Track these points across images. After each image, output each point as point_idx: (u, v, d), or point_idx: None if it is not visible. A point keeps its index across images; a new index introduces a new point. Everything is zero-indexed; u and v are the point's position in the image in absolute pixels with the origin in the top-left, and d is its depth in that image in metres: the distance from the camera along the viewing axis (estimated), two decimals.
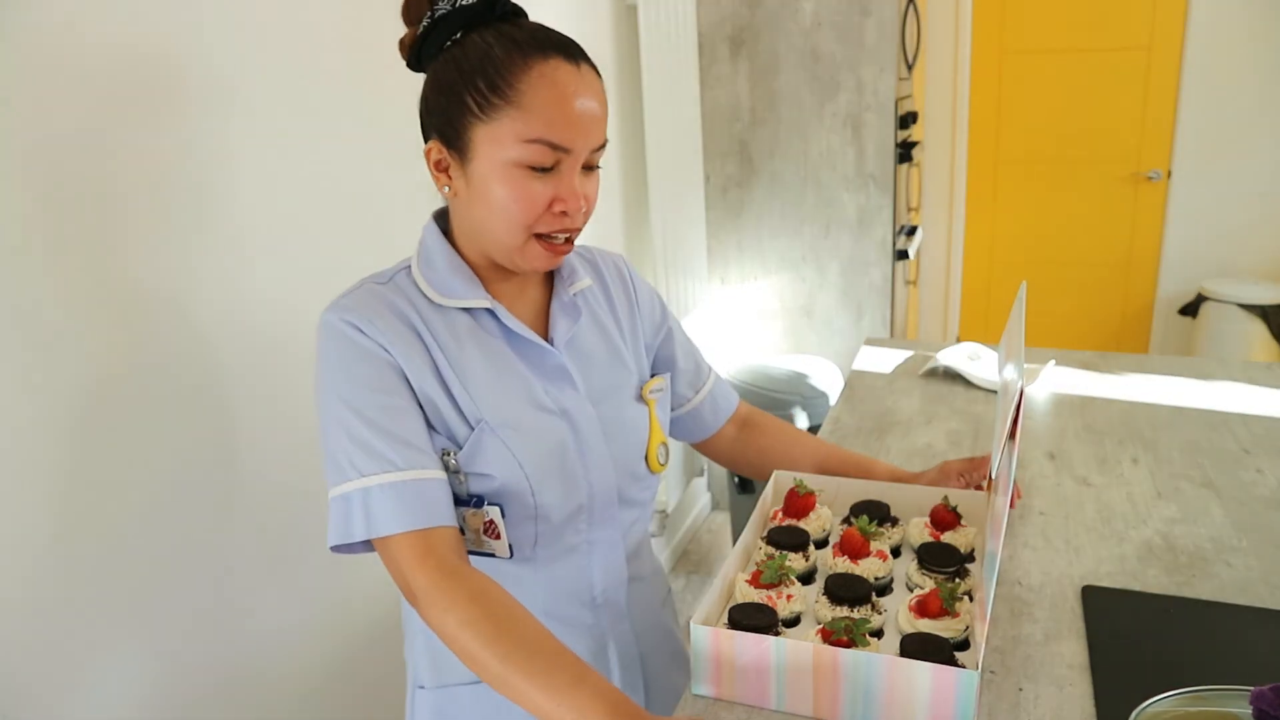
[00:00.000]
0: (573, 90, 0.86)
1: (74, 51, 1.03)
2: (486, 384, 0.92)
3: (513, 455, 0.90)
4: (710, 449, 1.23)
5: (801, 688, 0.85)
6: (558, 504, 0.93)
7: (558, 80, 0.85)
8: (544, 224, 0.88)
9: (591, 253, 1.11)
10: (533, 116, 0.85)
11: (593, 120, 0.87)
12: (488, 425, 0.90)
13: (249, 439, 1.30)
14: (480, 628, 0.78)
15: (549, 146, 0.85)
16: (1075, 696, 0.88)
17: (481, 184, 0.88)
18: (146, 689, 1.17)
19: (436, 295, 0.93)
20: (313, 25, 1.38)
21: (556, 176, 0.87)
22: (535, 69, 0.85)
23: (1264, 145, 3.52)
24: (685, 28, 2.66)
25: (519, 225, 0.88)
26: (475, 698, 0.99)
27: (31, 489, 1.02)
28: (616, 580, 1.01)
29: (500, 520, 0.91)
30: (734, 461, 1.25)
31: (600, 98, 0.89)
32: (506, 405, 0.92)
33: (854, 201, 2.81)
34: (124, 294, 1.12)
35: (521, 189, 0.86)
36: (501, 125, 0.85)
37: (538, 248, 0.90)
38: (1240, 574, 1.08)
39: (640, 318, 1.10)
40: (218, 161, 1.23)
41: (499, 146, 0.86)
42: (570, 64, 0.87)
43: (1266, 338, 3.43)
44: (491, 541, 0.92)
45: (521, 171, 0.86)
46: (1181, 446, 1.43)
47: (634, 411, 1.02)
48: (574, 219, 0.89)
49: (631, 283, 1.12)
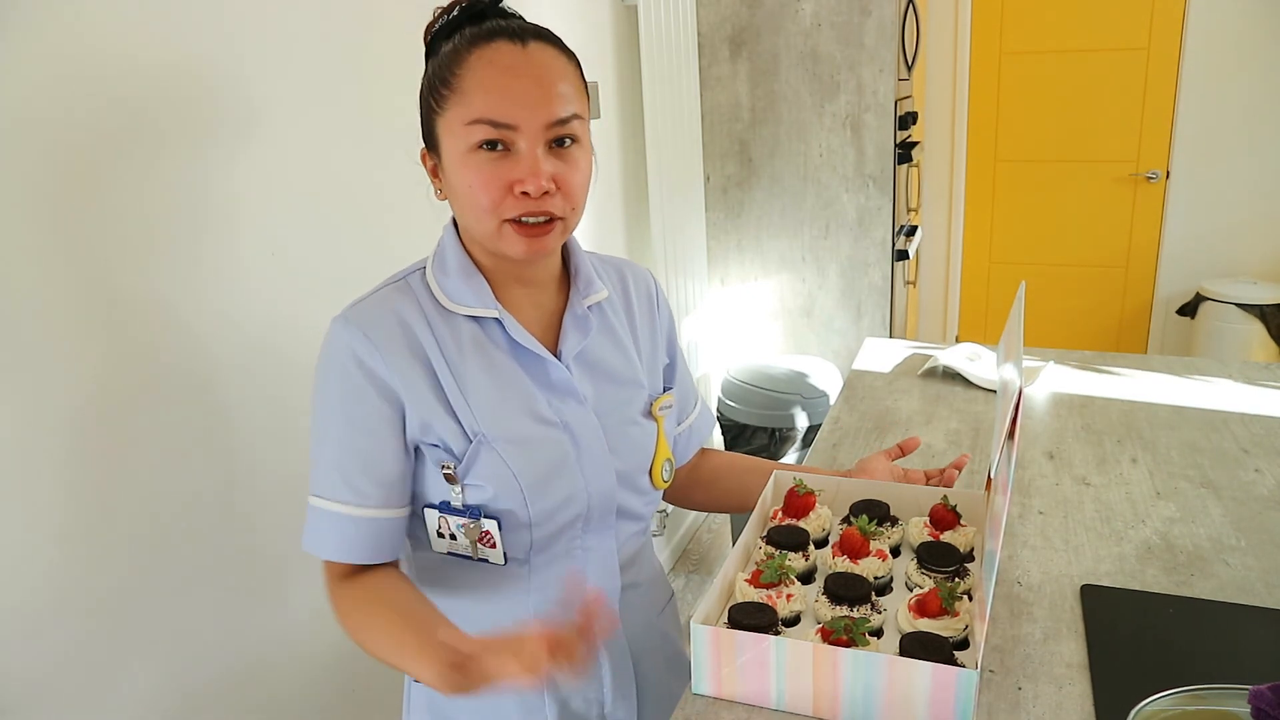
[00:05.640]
0: (510, 66, 0.85)
1: (72, 53, 1.03)
2: (487, 397, 0.91)
3: (509, 469, 0.90)
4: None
5: (801, 687, 0.85)
6: (553, 515, 0.93)
7: (495, 60, 0.85)
8: (509, 207, 0.86)
9: (621, 265, 1.10)
10: (472, 98, 0.85)
11: (540, 94, 0.85)
12: (485, 438, 0.90)
13: (246, 442, 1.30)
14: (354, 617, 0.88)
15: (490, 125, 0.84)
16: (1074, 695, 0.88)
17: (452, 177, 0.89)
18: (150, 688, 1.17)
19: (446, 301, 0.93)
20: (312, 27, 1.38)
21: (514, 157, 0.86)
22: (475, 54, 0.86)
23: (1262, 145, 3.53)
24: (685, 28, 2.67)
25: (485, 211, 0.87)
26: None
27: (32, 489, 1.02)
28: (610, 587, 1.01)
29: (497, 532, 0.92)
30: (684, 494, 1.21)
31: (552, 72, 0.87)
32: (505, 419, 0.91)
33: (854, 202, 2.81)
34: (122, 298, 1.12)
35: (477, 173, 0.86)
36: (451, 114, 0.86)
37: (512, 233, 0.87)
38: (1239, 573, 1.08)
39: (659, 337, 1.09)
40: (216, 166, 1.23)
41: (453, 136, 0.87)
42: (514, 44, 0.86)
43: (1265, 338, 3.44)
44: (487, 550, 0.93)
45: (476, 156, 0.86)
46: (1180, 446, 1.43)
47: (642, 426, 1.01)
48: (543, 201, 0.86)
49: (657, 301, 1.11)
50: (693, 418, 1.17)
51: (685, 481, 1.19)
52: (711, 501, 1.22)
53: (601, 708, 1.02)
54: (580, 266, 1.01)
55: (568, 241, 1.01)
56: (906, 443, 1.20)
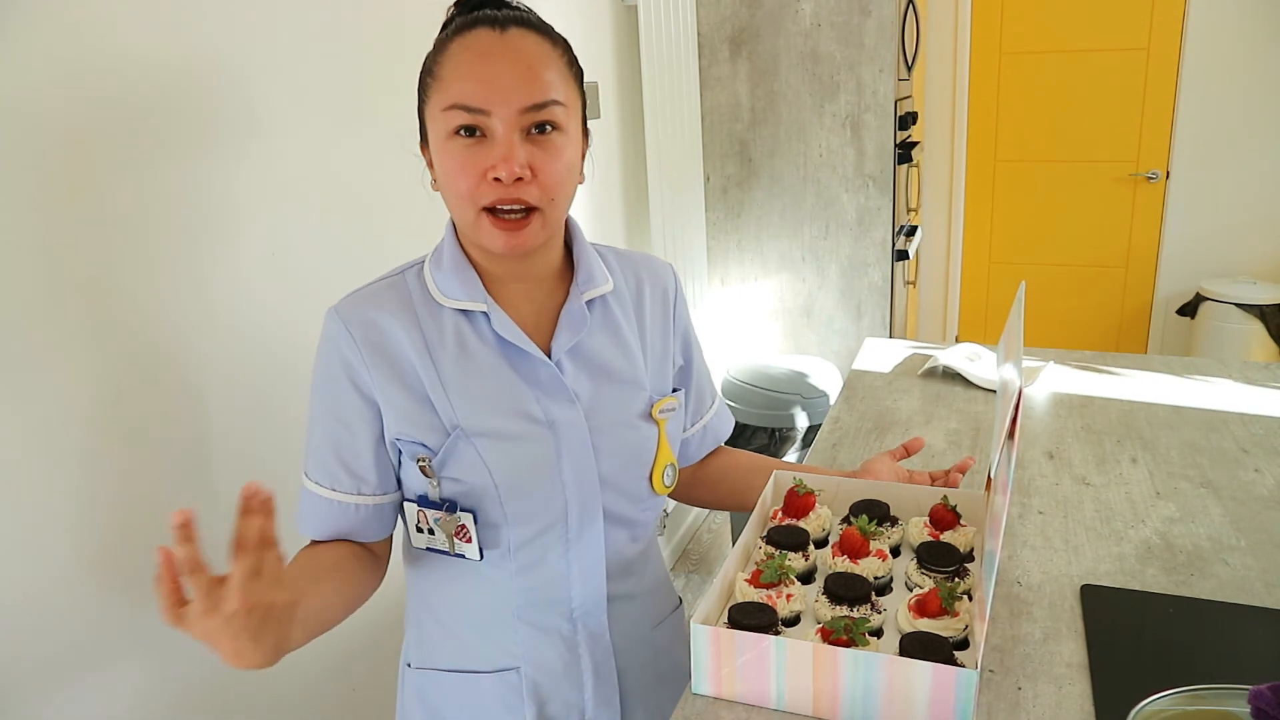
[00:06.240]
0: (485, 51, 0.85)
1: (70, 53, 1.03)
2: (467, 391, 0.91)
3: (484, 463, 0.90)
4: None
5: (801, 687, 0.85)
6: (530, 516, 0.93)
7: (472, 46, 0.85)
8: (484, 194, 0.85)
9: (640, 261, 1.07)
10: (449, 83, 0.85)
11: (515, 78, 0.84)
12: (462, 432, 0.90)
13: (246, 440, 1.31)
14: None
15: (463, 110, 0.84)
16: (1074, 695, 0.88)
17: (436, 166, 0.90)
18: (150, 687, 1.17)
19: (438, 294, 0.93)
20: (313, 27, 1.38)
21: (489, 143, 0.85)
22: (456, 42, 0.86)
23: (1262, 145, 3.53)
24: (685, 28, 2.67)
25: (463, 199, 0.86)
26: (455, 684, 1.01)
27: (36, 489, 1.02)
28: (595, 596, 0.99)
29: (472, 526, 0.92)
30: (688, 492, 1.20)
31: (531, 57, 0.85)
32: (485, 414, 0.91)
33: (854, 202, 2.81)
34: (123, 298, 1.12)
35: (455, 159, 0.85)
36: (432, 101, 0.87)
37: (488, 224, 0.86)
38: (1238, 573, 1.08)
39: (672, 337, 1.07)
40: (216, 167, 1.23)
41: (435, 123, 0.87)
42: (493, 30, 0.86)
43: (1264, 338, 3.44)
44: (463, 545, 0.93)
45: (453, 142, 0.85)
46: (1180, 446, 1.43)
47: (639, 429, 0.99)
48: (516, 189, 0.85)
49: (675, 299, 1.08)
50: (708, 417, 1.16)
51: (691, 480, 1.19)
52: (716, 500, 1.21)
53: (582, 714, 1.01)
54: (581, 259, 0.99)
55: (572, 234, 1.00)
56: (911, 443, 1.18)
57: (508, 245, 0.87)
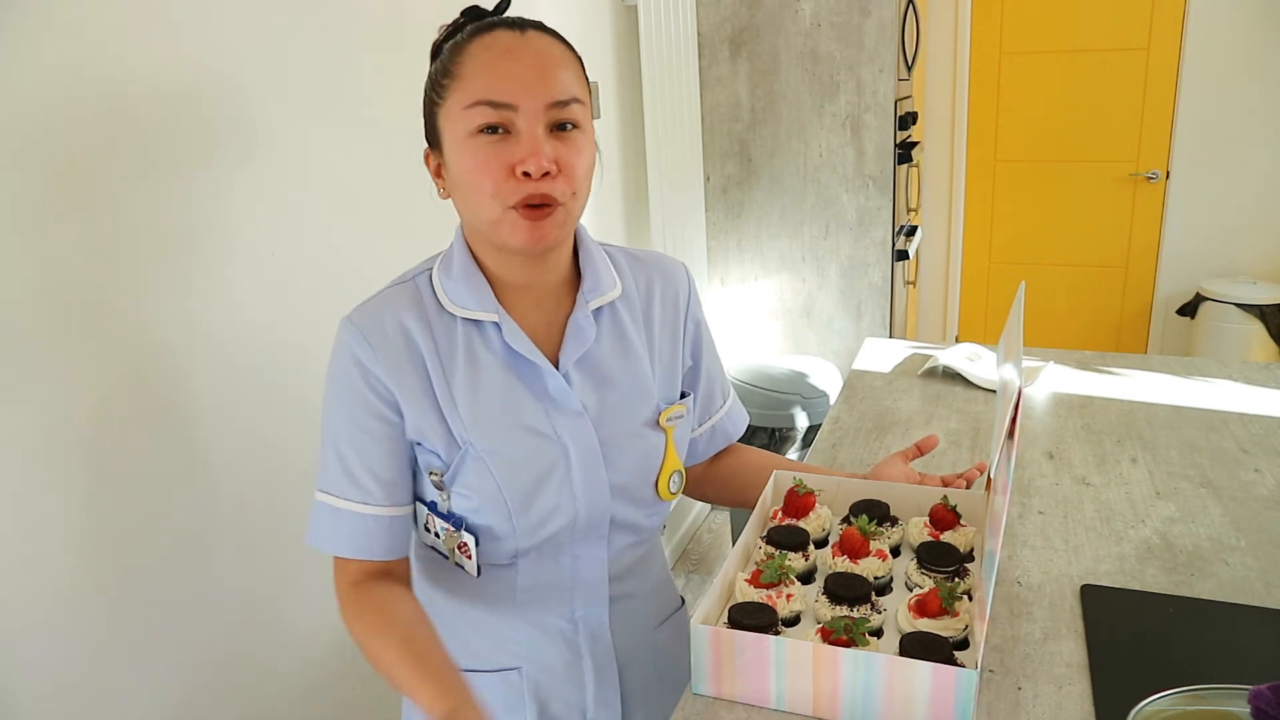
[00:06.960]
0: (508, 48, 0.85)
1: (70, 62, 1.03)
2: (477, 404, 0.91)
3: (494, 479, 0.90)
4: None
5: (801, 687, 0.85)
6: (539, 527, 0.93)
7: (494, 44, 0.85)
8: (511, 191, 0.84)
9: (653, 264, 1.06)
10: (471, 81, 0.84)
11: (538, 75, 0.84)
12: (473, 447, 0.90)
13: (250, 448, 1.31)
14: (369, 623, 0.89)
15: (489, 105, 0.84)
16: (1074, 695, 0.88)
17: (453, 167, 0.88)
18: (153, 689, 1.17)
19: (448, 303, 0.92)
20: (314, 35, 1.38)
21: (515, 139, 0.84)
22: (475, 42, 0.86)
23: (1262, 145, 3.53)
24: (685, 28, 2.67)
25: (488, 196, 0.85)
26: None
27: (39, 496, 1.02)
28: (597, 598, 0.99)
29: (474, 546, 0.92)
30: (697, 489, 1.20)
31: (551, 57, 0.86)
32: (494, 428, 0.91)
33: (853, 202, 2.81)
34: (123, 306, 1.12)
35: (479, 157, 0.84)
36: (451, 101, 0.86)
37: (516, 218, 0.85)
38: (1238, 573, 1.08)
39: (681, 341, 1.06)
40: (216, 176, 1.23)
41: (453, 123, 0.86)
42: (512, 31, 0.86)
43: (1264, 338, 3.44)
44: (463, 558, 0.94)
45: (476, 140, 0.85)
46: (1180, 446, 1.43)
47: (647, 438, 0.98)
48: (543, 184, 0.84)
49: (687, 302, 1.07)
50: (716, 418, 1.15)
51: (701, 477, 1.18)
52: (725, 497, 1.20)
53: (584, 714, 1.02)
54: (588, 266, 0.98)
55: (579, 240, 0.99)
56: (924, 442, 1.16)
57: (531, 237, 0.86)
